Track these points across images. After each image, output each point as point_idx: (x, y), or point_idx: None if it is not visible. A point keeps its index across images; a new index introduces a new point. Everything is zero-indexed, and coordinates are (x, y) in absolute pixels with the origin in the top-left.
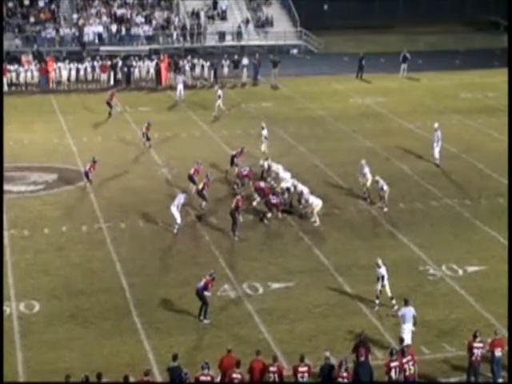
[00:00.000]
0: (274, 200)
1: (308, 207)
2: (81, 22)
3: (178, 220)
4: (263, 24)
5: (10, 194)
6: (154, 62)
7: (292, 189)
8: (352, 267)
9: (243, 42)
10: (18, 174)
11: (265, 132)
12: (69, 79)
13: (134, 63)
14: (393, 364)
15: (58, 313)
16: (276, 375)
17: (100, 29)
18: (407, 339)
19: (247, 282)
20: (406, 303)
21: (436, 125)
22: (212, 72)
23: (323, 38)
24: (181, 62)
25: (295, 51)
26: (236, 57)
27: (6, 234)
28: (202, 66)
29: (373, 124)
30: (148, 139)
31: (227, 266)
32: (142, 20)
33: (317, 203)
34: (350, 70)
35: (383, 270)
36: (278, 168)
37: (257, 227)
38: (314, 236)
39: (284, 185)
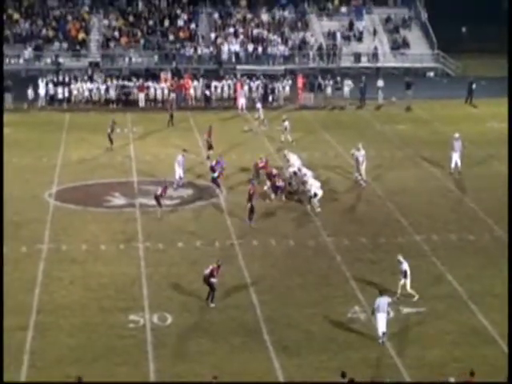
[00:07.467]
0: (278, 183)
1: (306, 189)
2: (219, 40)
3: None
4: (399, 46)
5: (145, 208)
6: (290, 82)
7: (298, 172)
8: (486, 295)
9: (379, 64)
10: (154, 188)
11: (286, 123)
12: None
13: (270, 82)
14: None
15: (190, 326)
16: None
17: (237, 48)
18: (382, 327)
19: None
20: (381, 294)
21: (457, 135)
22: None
23: (461, 61)
24: (316, 82)
25: (432, 74)
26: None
27: (141, 246)
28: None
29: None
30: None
31: (358, 288)
32: (279, 40)
33: (316, 186)
34: (488, 93)
35: (405, 266)
36: (290, 156)
37: (390, 249)
38: (446, 261)
39: (291, 169)
